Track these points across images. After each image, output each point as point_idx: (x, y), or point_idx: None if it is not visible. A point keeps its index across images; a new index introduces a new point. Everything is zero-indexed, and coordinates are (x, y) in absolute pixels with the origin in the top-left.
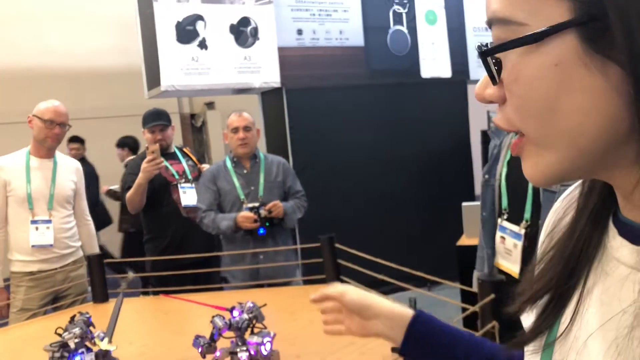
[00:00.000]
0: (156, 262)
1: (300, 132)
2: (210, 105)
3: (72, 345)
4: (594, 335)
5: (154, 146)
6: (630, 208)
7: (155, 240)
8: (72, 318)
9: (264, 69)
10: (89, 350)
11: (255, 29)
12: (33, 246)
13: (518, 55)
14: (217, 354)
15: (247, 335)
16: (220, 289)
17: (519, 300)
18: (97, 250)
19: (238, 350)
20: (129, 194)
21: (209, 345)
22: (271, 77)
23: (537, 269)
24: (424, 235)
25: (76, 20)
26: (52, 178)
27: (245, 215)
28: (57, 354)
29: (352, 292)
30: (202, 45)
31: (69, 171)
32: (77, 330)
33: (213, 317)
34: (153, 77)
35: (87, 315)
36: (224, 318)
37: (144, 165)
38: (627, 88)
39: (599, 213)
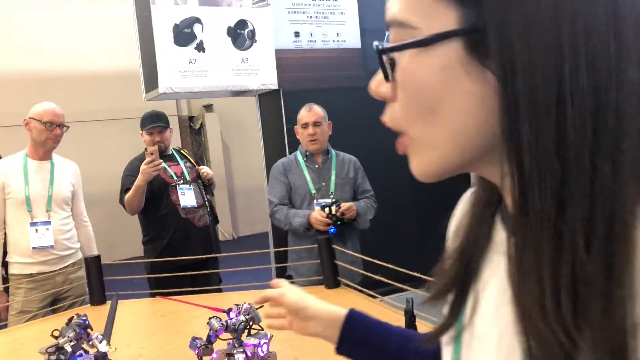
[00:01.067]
0: (154, 263)
1: None
2: (208, 107)
3: (68, 348)
4: (489, 323)
5: (153, 147)
6: (508, 202)
7: (153, 242)
8: (69, 320)
9: (261, 71)
10: (86, 352)
11: (253, 32)
12: (34, 248)
13: (410, 57)
14: (214, 355)
15: (244, 336)
16: (219, 290)
17: (429, 296)
18: (95, 252)
19: (235, 352)
20: (127, 196)
21: (206, 347)
22: (268, 79)
23: (444, 266)
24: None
25: (74, 23)
26: (50, 180)
27: (319, 219)
28: (53, 357)
29: (290, 294)
30: (200, 47)
31: (67, 173)
32: (71, 334)
33: (210, 318)
34: (151, 79)
35: (84, 318)
36: (220, 319)
37: (143, 167)
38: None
39: (484, 209)
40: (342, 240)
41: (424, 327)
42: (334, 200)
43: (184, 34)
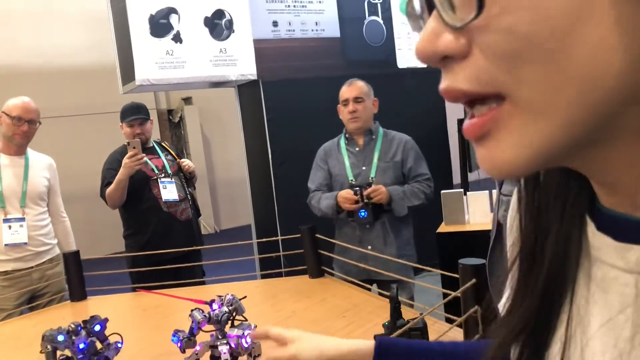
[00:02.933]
0: (136, 258)
1: (278, 125)
2: (187, 100)
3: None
4: (590, 346)
5: (135, 141)
6: (618, 196)
7: (135, 236)
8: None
9: (240, 62)
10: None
11: (230, 21)
12: (6, 245)
13: None
14: (197, 348)
15: (227, 328)
16: (202, 283)
17: (496, 345)
18: (73, 248)
19: (218, 343)
20: (109, 190)
21: (189, 340)
22: (247, 69)
23: (508, 290)
24: None
25: (48, 17)
26: (24, 175)
27: (345, 196)
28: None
29: (304, 352)
30: (177, 38)
31: (42, 168)
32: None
33: (192, 310)
34: (127, 71)
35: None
36: (203, 311)
37: (125, 160)
38: None
39: (573, 211)
40: (383, 228)
41: (408, 313)
42: (367, 182)
43: (160, 25)
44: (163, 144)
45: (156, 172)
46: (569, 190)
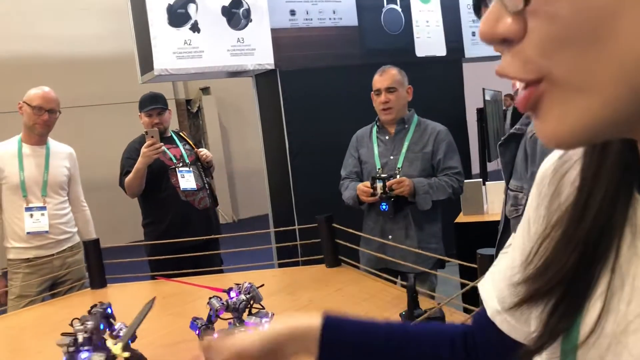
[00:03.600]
0: (155, 246)
1: (296, 114)
2: (205, 90)
3: (80, 338)
4: (633, 326)
5: (154, 130)
6: None
7: (154, 225)
8: (91, 308)
9: (257, 51)
10: (102, 347)
11: (248, 11)
12: (28, 233)
13: None
14: (215, 335)
15: (245, 316)
16: (220, 271)
17: (521, 297)
18: (93, 236)
19: (236, 331)
20: (127, 179)
21: (207, 327)
22: (265, 58)
23: (538, 253)
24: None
25: (67, 7)
26: (45, 165)
27: (362, 188)
28: (72, 348)
29: (250, 345)
30: (195, 28)
31: (62, 157)
32: (89, 325)
33: (210, 298)
34: (146, 61)
35: (105, 306)
36: (221, 299)
37: (143, 150)
38: None
39: (621, 180)
40: (405, 220)
41: (427, 303)
42: (391, 174)
43: (178, 15)
44: (181, 133)
45: (174, 161)
46: (625, 156)
